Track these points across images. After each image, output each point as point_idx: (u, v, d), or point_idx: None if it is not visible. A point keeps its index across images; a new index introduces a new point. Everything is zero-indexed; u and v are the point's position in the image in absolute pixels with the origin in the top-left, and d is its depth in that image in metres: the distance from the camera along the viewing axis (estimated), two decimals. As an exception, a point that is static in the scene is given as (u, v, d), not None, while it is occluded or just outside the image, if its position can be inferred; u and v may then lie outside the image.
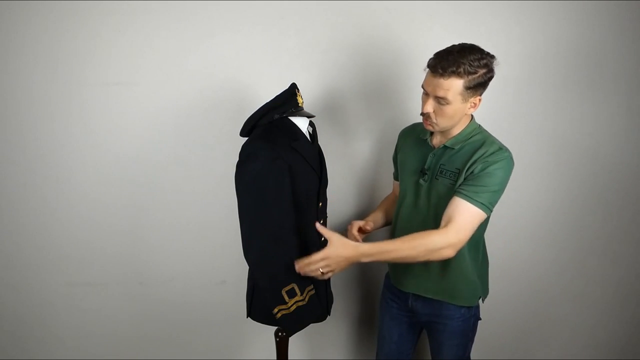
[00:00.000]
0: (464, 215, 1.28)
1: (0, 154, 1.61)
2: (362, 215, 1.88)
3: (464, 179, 1.31)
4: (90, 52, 1.54)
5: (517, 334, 2.13)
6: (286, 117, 1.35)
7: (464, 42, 1.28)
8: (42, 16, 1.49)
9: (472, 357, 1.66)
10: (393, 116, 1.77)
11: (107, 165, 1.66)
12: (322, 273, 1.25)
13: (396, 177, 1.62)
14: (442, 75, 1.23)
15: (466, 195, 1.28)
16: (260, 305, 1.45)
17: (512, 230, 1.96)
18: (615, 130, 1.89)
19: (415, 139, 1.48)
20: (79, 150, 1.63)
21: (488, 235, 1.71)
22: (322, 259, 1.24)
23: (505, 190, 1.34)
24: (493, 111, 1.71)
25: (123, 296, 1.81)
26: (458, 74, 1.23)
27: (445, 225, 1.28)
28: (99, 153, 1.65)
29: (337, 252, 1.23)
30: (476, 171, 1.29)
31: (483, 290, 1.52)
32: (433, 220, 1.39)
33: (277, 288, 1.28)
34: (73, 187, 1.67)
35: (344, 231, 1.69)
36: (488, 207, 1.30)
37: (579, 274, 2.06)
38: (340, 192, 1.84)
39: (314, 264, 1.24)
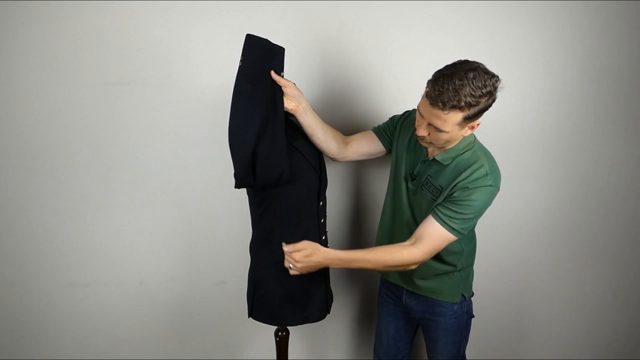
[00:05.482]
0: (434, 238, 1.31)
1: (0, 154, 1.61)
2: (361, 215, 1.88)
3: (444, 198, 1.31)
4: (90, 52, 1.54)
5: (516, 334, 2.13)
6: (287, 116, 1.36)
7: (466, 59, 1.20)
8: (42, 16, 1.49)
9: (470, 358, 1.66)
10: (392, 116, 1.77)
11: (107, 165, 1.66)
12: (290, 268, 1.28)
13: (377, 133, 1.53)
14: (442, 109, 1.17)
15: (441, 219, 1.30)
16: (261, 304, 1.45)
17: (512, 230, 1.96)
18: (615, 129, 1.89)
19: (412, 138, 1.44)
20: (79, 150, 1.63)
21: (488, 235, 1.72)
22: (297, 259, 1.25)
23: (504, 189, 1.34)
24: (493, 111, 1.71)
25: (123, 296, 1.81)
26: (460, 108, 1.17)
27: (414, 243, 1.32)
28: (99, 153, 1.65)
29: (311, 256, 1.26)
30: (456, 195, 1.29)
31: (466, 287, 1.53)
32: (413, 223, 1.43)
33: None
34: (73, 187, 1.67)
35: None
36: (460, 232, 1.31)
37: (579, 274, 2.06)
38: (340, 192, 1.84)
39: (294, 253, 1.25)
